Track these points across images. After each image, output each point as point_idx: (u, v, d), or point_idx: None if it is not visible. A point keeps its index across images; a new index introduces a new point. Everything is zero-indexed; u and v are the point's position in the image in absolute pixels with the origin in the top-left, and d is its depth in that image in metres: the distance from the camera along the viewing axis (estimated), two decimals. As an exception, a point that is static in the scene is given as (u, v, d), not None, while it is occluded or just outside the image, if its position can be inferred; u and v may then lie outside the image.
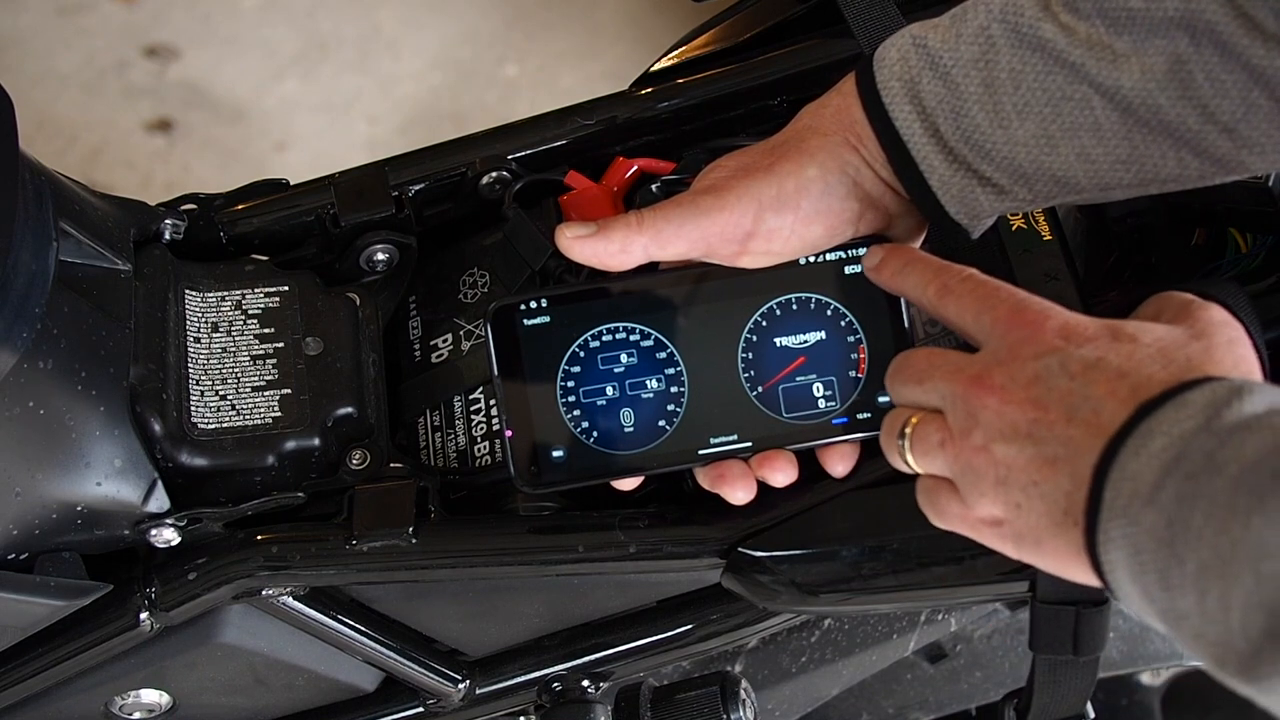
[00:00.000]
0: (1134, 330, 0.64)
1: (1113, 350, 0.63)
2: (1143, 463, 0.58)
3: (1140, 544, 0.57)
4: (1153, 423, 0.58)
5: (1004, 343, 0.66)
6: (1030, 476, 0.62)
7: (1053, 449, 0.62)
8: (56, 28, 2.36)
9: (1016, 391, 0.63)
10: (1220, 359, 0.63)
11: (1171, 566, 0.56)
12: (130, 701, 0.90)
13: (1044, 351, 0.64)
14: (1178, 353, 0.62)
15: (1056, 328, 0.65)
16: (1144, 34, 0.68)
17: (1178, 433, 0.57)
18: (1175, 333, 0.64)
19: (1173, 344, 0.63)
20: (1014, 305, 0.67)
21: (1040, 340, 0.64)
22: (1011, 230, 0.86)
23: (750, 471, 0.78)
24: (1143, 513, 0.57)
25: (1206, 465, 0.56)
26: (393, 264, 0.91)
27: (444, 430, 0.87)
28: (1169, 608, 0.56)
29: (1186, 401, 0.58)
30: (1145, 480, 0.57)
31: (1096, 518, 0.59)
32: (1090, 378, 0.62)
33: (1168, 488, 0.56)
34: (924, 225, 0.79)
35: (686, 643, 0.94)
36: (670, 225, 0.75)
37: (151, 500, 0.78)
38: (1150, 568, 0.56)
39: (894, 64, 0.74)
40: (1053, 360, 0.63)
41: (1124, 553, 0.58)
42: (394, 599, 0.89)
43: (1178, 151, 0.70)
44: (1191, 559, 0.55)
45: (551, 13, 2.43)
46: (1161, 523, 0.56)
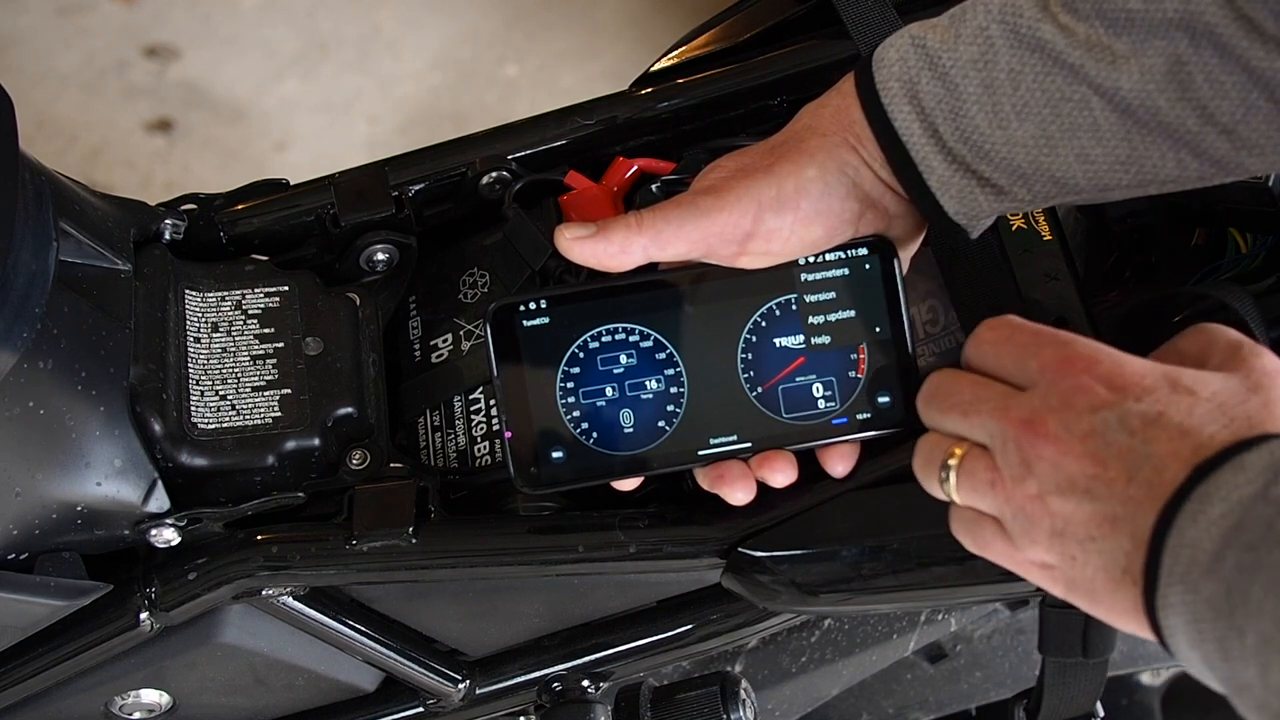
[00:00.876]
0: (1191, 382, 0.62)
1: (1172, 404, 0.61)
2: (1201, 530, 0.57)
3: (1199, 613, 0.56)
4: (1210, 487, 0.57)
5: (1055, 388, 0.63)
6: (1089, 532, 0.61)
7: (1113, 507, 0.60)
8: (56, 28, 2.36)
9: (1073, 444, 0.62)
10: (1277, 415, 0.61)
11: (1231, 637, 0.55)
12: (130, 701, 0.90)
13: (1100, 405, 0.62)
14: (1237, 409, 0.61)
15: (1110, 375, 0.63)
16: (1143, 35, 0.68)
17: (1236, 499, 0.56)
18: (1232, 384, 0.62)
19: (1231, 398, 0.61)
20: (1061, 350, 0.65)
21: (1094, 390, 0.62)
22: (1011, 230, 0.86)
23: (750, 472, 0.78)
24: (1202, 581, 0.56)
25: (1266, 535, 0.55)
26: (393, 264, 0.91)
27: (444, 430, 0.87)
28: (1230, 677, 0.56)
29: (1245, 464, 0.57)
30: (1204, 549, 0.56)
31: (1155, 581, 0.58)
32: (1151, 435, 0.60)
33: (1228, 558, 0.55)
34: (923, 225, 0.79)
35: (686, 643, 0.94)
36: (670, 226, 0.75)
37: (151, 500, 0.78)
38: (1209, 636, 0.56)
39: (893, 64, 0.74)
40: (1111, 415, 0.61)
41: (1183, 619, 0.57)
42: (394, 599, 0.89)
43: (1177, 153, 0.70)
44: (1252, 631, 0.54)
45: (551, 13, 2.43)
46: (1221, 593, 0.55)
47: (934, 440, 0.69)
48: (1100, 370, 0.63)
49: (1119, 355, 0.64)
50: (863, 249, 0.78)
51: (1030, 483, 0.63)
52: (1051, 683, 0.84)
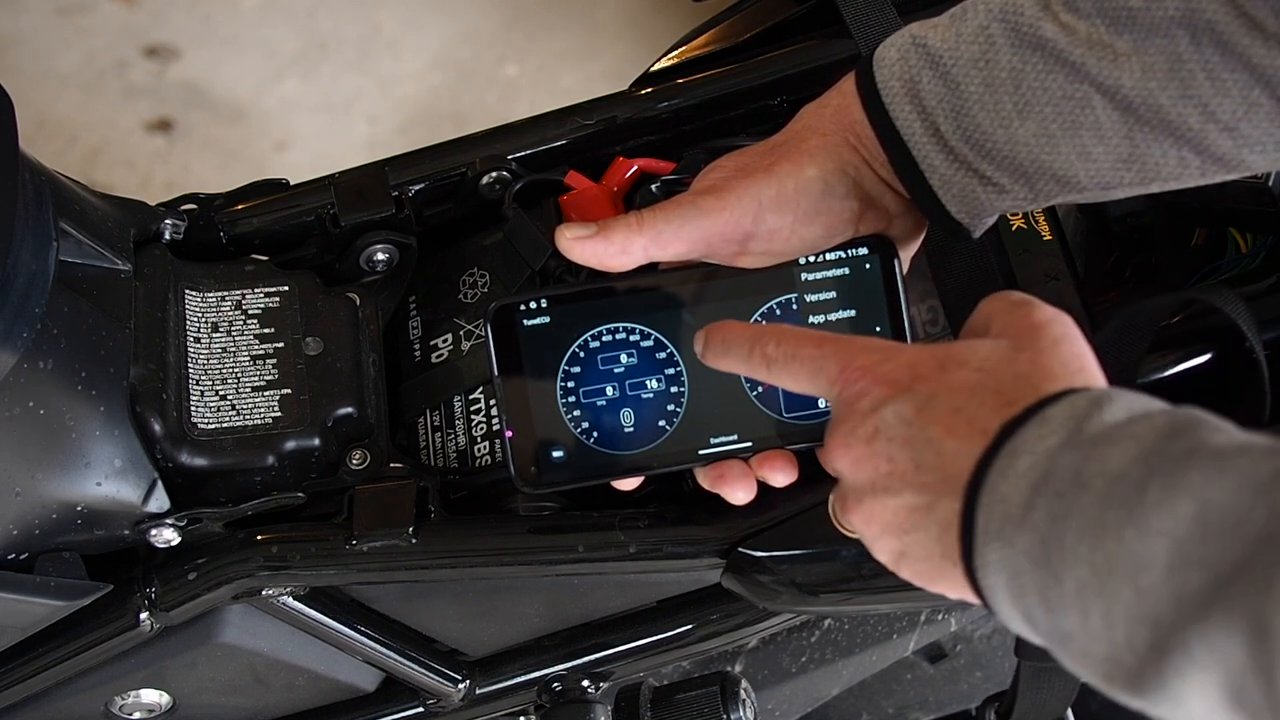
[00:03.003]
0: (960, 354, 0.63)
1: (941, 384, 0.62)
2: (1011, 483, 0.57)
3: (1018, 566, 0.56)
4: (1016, 442, 0.58)
5: (841, 399, 0.65)
6: (899, 525, 0.62)
7: (910, 498, 0.62)
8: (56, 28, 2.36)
9: (860, 448, 0.63)
10: (1048, 365, 0.62)
11: (1050, 586, 0.55)
12: (130, 701, 0.90)
13: (879, 403, 0.63)
14: (1004, 370, 0.62)
15: (887, 373, 0.64)
16: (1144, 33, 0.68)
17: (1042, 449, 0.57)
18: (1000, 347, 0.63)
19: (999, 362, 0.62)
20: (842, 359, 0.66)
21: (873, 391, 0.64)
22: (1011, 230, 0.86)
23: (750, 471, 0.78)
24: (1016, 535, 0.56)
25: (1074, 481, 0.55)
26: (393, 264, 0.91)
27: (444, 430, 0.87)
28: (1053, 628, 0.56)
29: (1048, 418, 0.58)
30: (1015, 501, 0.57)
31: (972, 547, 0.58)
32: (925, 419, 0.61)
33: (1038, 507, 0.56)
34: (923, 225, 0.79)
35: (686, 643, 0.94)
36: (670, 226, 0.74)
37: (151, 500, 0.78)
38: (1030, 589, 0.56)
39: (894, 64, 0.74)
40: (888, 411, 0.63)
41: (1002, 576, 0.57)
42: (394, 599, 0.89)
43: (1178, 150, 0.70)
44: (1069, 578, 0.54)
45: (551, 13, 2.43)
46: (1036, 542, 0.55)
47: None
48: (879, 370, 0.64)
49: (892, 349, 0.65)
50: (863, 248, 0.78)
51: (847, 495, 0.65)
52: (1025, 686, 0.84)
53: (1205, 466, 0.52)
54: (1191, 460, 0.53)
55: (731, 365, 0.71)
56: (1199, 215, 0.90)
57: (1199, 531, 0.51)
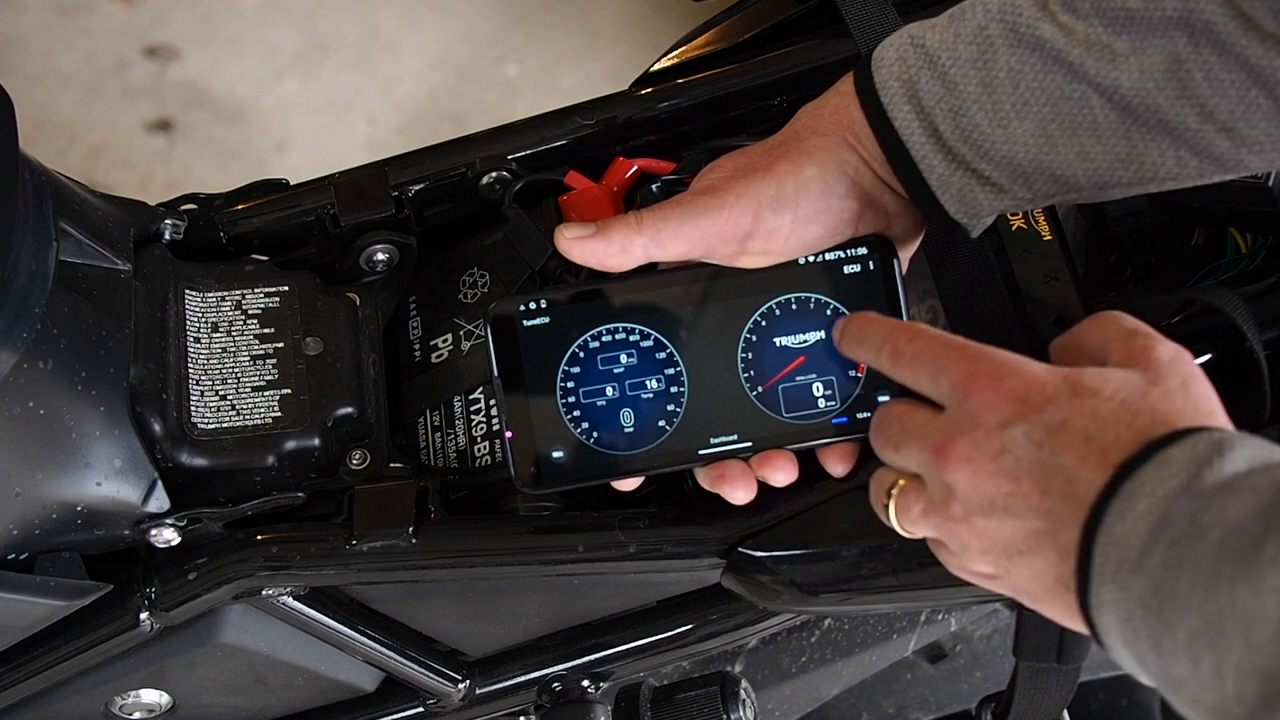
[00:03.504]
0: (1093, 382, 0.63)
1: (1075, 410, 0.62)
2: (1129, 526, 0.57)
3: (1130, 610, 0.57)
4: (1135, 484, 0.58)
5: (964, 408, 0.65)
6: (1015, 547, 0.62)
7: (1032, 522, 0.61)
8: (56, 28, 2.36)
9: (985, 464, 0.63)
10: (1180, 405, 0.62)
11: (1163, 633, 0.55)
12: (130, 701, 0.90)
13: (1007, 420, 0.63)
14: (1140, 404, 0.61)
15: (1014, 389, 0.63)
16: (1142, 33, 0.68)
17: (1161, 493, 0.57)
18: (1132, 379, 0.63)
19: (1132, 394, 0.62)
20: (967, 366, 0.66)
21: (1000, 406, 0.63)
22: (1011, 230, 0.86)
23: (750, 471, 0.78)
24: (1131, 579, 0.57)
25: (1190, 530, 0.55)
26: (393, 264, 0.91)
27: (444, 430, 0.87)
28: (1163, 673, 0.56)
29: (1168, 460, 0.58)
30: (1132, 545, 0.57)
31: (1088, 582, 0.58)
32: (1058, 445, 0.61)
33: (1154, 553, 0.56)
34: (923, 224, 0.79)
35: (686, 643, 0.94)
36: (669, 225, 0.75)
37: (151, 500, 0.78)
38: (1142, 633, 0.56)
39: (892, 64, 0.74)
40: (1017, 430, 0.62)
41: (1115, 618, 0.57)
42: (394, 599, 0.89)
43: (1176, 150, 0.70)
44: (1181, 627, 0.55)
45: (551, 13, 2.43)
46: (1149, 589, 0.56)
47: (880, 474, 0.71)
48: (1005, 384, 0.64)
49: (1022, 364, 0.65)
50: (862, 249, 0.78)
51: (954, 506, 0.64)
52: (1023, 687, 0.84)
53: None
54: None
55: (864, 355, 0.73)
56: (1199, 215, 0.90)
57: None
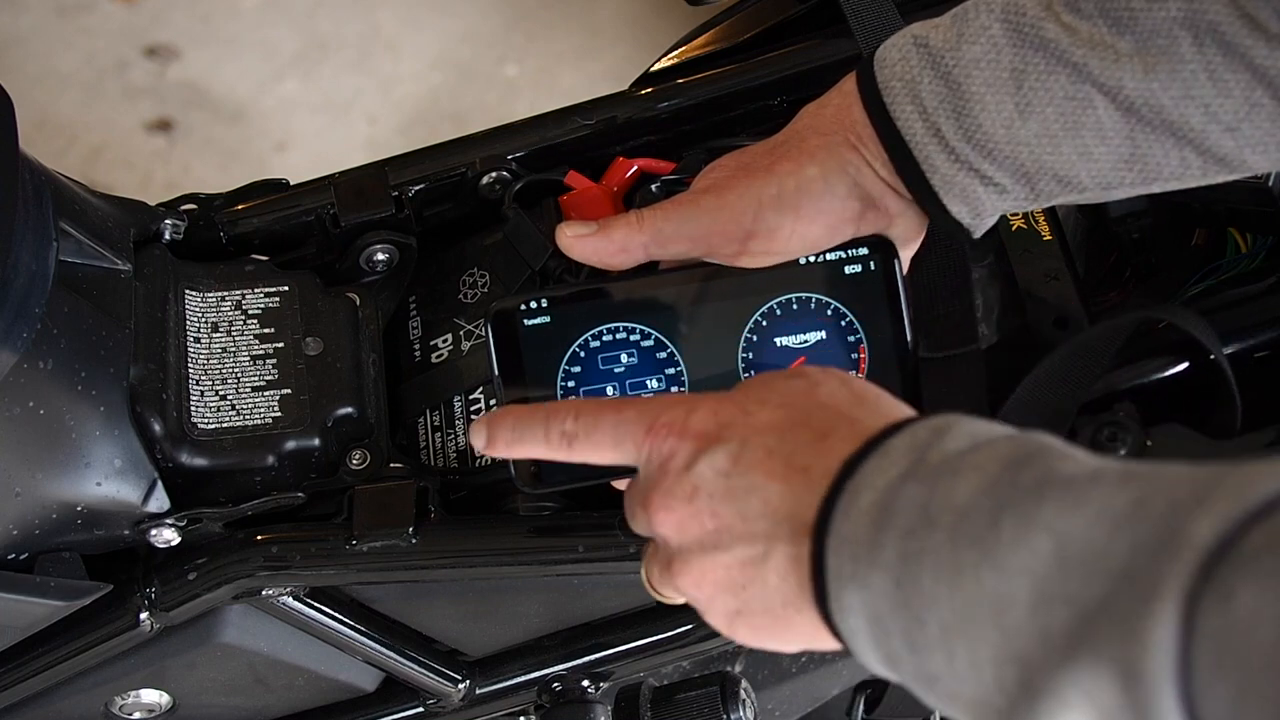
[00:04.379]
0: (760, 393, 0.62)
1: (750, 429, 0.61)
2: (853, 522, 0.55)
3: (877, 609, 0.54)
4: (858, 479, 0.56)
5: (651, 462, 0.63)
6: (734, 581, 0.60)
7: (741, 551, 0.60)
8: (56, 28, 2.36)
9: (681, 508, 0.61)
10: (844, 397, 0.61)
11: (914, 629, 0.53)
12: (130, 701, 0.90)
13: (690, 459, 0.61)
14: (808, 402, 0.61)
15: (692, 427, 0.62)
16: (1146, 34, 0.68)
17: (883, 483, 0.55)
18: (795, 384, 0.62)
19: (799, 395, 0.61)
20: (643, 422, 0.64)
21: (682, 448, 0.62)
22: (1011, 230, 0.86)
23: (750, 471, 0.78)
24: (870, 575, 0.54)
25: (921, 518, 0.53)
26: (393, 264, 0.91)
27: (444, 430, 0.87)
28: (918, 670, 0.54)
29: (889, 449, 0.56)
30: (860, 540, 0.55)
31: (824, 590, 0.56)
32: (742, 467, 0.60)
33: (886, 545, 0.54)
34: (924, 225, 0.79)
35: (686, 643, 0.94)
36: (670, 224, 0.75)
37: (151, 500, 0.78)
38: (894, 631, 0.54)
39: (895, 64, 0.74)
40: (702, 465, 0.61)
41: (863, 619, 0.55)
42: (394, 599, 0.89)
43: (1180, 151, 0.70)
44: (931, 620, 0.53)
45: (551, 13, 2.43)
46: (891, 584, 0.54)
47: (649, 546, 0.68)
48: (683, 425, 0.62)
49: (693, 400, 0.64)
50: (863, 249, 0.78)
51: (675, 560, 0.62)
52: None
53: (1059, 498, 0.50)
54: (1044, 492, 0.51)
55: (530, 450, 0.68)
56: (1199, 215, 0.90)
57: (1059, 567, 0.49)
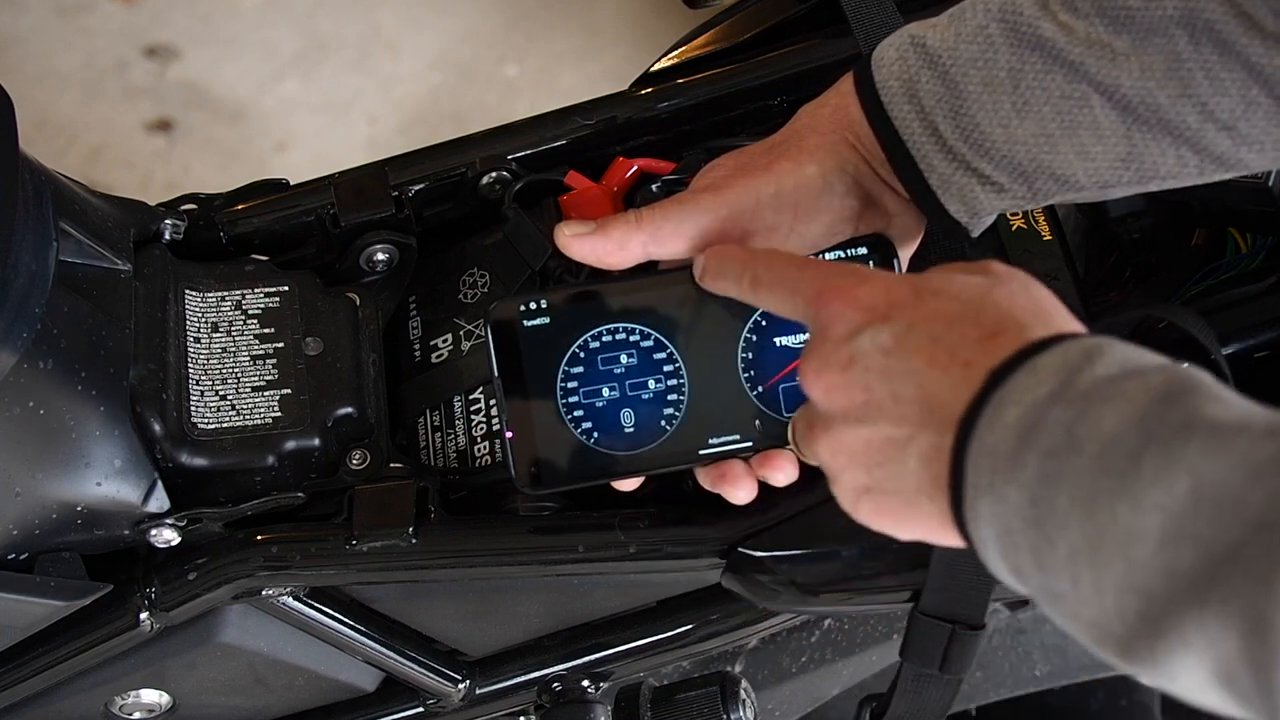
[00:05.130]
0: (938, 284, 0.62)
1: (919, 313, 0.61)
2: (998, 435, 0.56)
3: (1009, 523, 0.55)
4: (1005, 390, 0.56)
5: (816, 323, 0.64)
6: (873, 458, 0.61)
7: (886, 429, 0.60)
8: (56, 28, 2.36)
9: (834, 376, 0.62)
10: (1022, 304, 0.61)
11: (1043, 547, 0.54)
12: (130, 701, 0.90)
13: (854, 329, 0.62)
14: (982, 301, 0.60)
15: (861, 298, 0.62)
16: (1143, 33, 0.69)
17: (1030, 401, 0.55)
18: (974, 281, 0.62)
19: (976, 292, 0.61)
20: (818, 281, 0.65)
21: (848, 316, 0.62)
22: (1011, 230, 0.86)
23: (751, 471, 0.78)
24: (1006, 489, 0.55)
25: (1066, 442, 0.54)
26: (393, 264, 0.91)
27: (444, 430, 0.87)
28: (1043, 586, 0.55)
29: (1037, 366, 0.56)
30: (1002, 454, 0.55)
31: (961, 493, 0.57)
32: (905, 349, 0.60)
33: (1029, 465, 0.55)
34: (922, 224, 0.79)
35: (686, 643, 0.94)
36: (669, 223, 0.75)
37: (151, 500, 0.78)
38: (1023, 547, 0.55)
39: (892, 63, 0.74)
40: (864, 338, 0.61)
41: (993, 530, 0.56)
42: (394, 599, 0.89)
43: (1177, 149, 0.70)
44: (1061, 541, 0.54)
45: (551, 13, 2.43)
46: (1026, 501, 0.55)
47: None
48: (852, 294, 0.63)
49: (870, 274, 0.64)
50: (862, 248, 0.78)
51: (817, 422, 0.63)
52: (904, 689, 0.84)
53: (1202, 441, 0.51)
54: (1190, 433, 0.52)
55: (726, 288, 0.71)
56: (1199, 215, 0.90)
57: (1194, 508, 0.50)
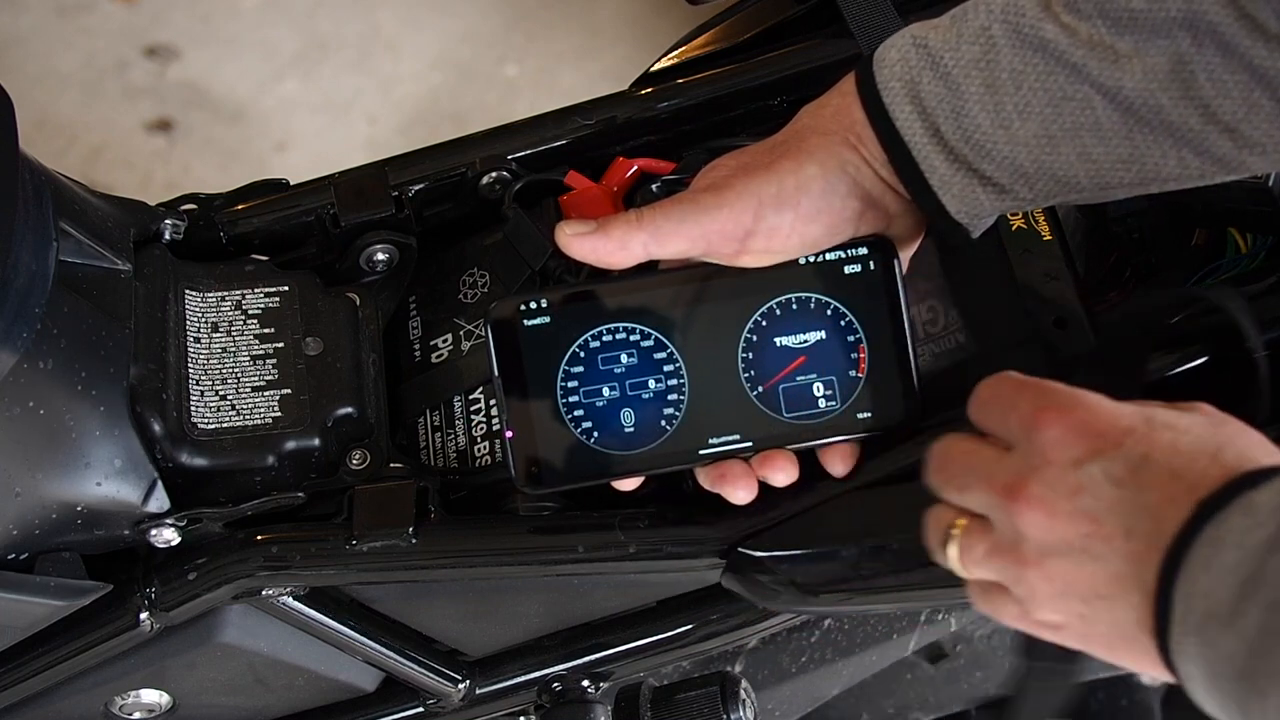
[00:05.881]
0: (1168, 417, 0.60)
1: (1154, 444, 0.59)
2: (1215, 578, 0.54)
3: (1218, 668, 0.54)
4: (1220, 530, 0.55)
5: (1034, 445, 0.61)
6: (1094, 590, 0.59)
7: (1116, 565, 0.58)
8: (56, 28, 2.36)
9: (1060, 504, 0.59)
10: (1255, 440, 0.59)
11: (1252, 699, 0.53)
12: (130, 701, 0.90)
13: (1082, 457, 0.60)
14: (1219, 435, 0.59)
15: (1085, 423, 0.60)
16: (1146, 34, 0.68)
17: (1250, 544, 0.54)
18: (1197, 418, 0.60)
19: (1207, 427, 0.59)
20: (1036, 401, 0.62)
21: (1073, 442, 0.60)
22: (1011, 230, 0.86)
23: (751, 471, 0.78)
24: (1221, 636, 0.54)
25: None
26: (393, 264, 0.91)
27: (444, 430, 0.87)
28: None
29: (1254, 506, 0.55)
30: (1220, 599, 0.54)
31: (1168, 629, 0.56)
32: (1141, 482, 0.58)
33: (1249, 614, 0.53)
34: (923, 225, 0.79)
35: (686, 643, 0.94)
36: (670, 223, 0.75)
37: (151, 500, 0.78)
38: (1229, 693, 0.54)
39: (894, 64, 0.74)
40: (1094, 468, 0.59)
41: (1200, 670, 0.55)
42: (394, 599, 0.89)
43: (1179, 151, 0.70)
44: (1274, 696, 0.52)
45: (551, 13, 2.43)
46: (1242, 652, 0.53)
47: (939, 512, 0.67)
48: (1076, 419, 0.61)
49: (1093, 400, 0.62)
50: (863, 248, 0.78)
51: (1026, 549, 0.61)
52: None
53: None
54: None
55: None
56: (1199, 215, 0.90)
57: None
